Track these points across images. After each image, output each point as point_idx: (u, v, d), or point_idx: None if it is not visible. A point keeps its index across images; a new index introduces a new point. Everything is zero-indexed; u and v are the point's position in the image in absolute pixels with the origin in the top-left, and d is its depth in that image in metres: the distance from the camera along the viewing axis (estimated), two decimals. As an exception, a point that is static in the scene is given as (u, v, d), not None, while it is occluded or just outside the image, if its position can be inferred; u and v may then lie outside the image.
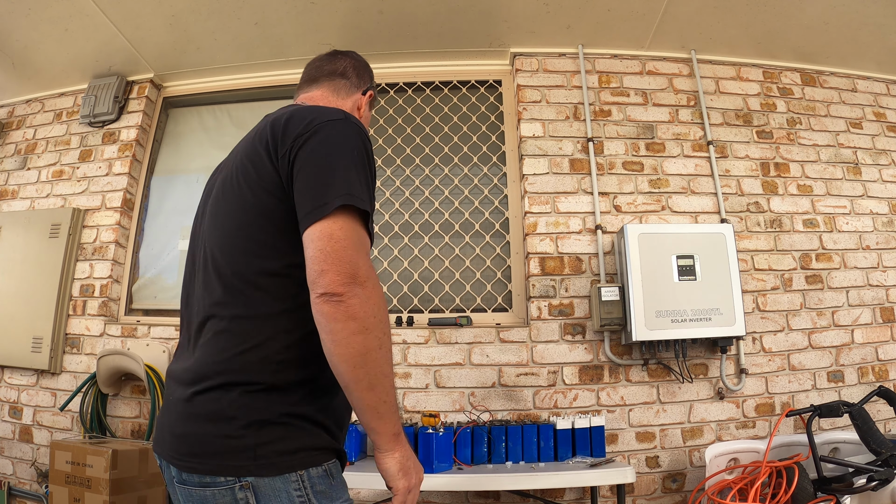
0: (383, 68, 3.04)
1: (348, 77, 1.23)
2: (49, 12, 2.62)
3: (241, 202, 0.95)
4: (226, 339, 0.89)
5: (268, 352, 0.88)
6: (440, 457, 1.94)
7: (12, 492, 2.59)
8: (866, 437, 1.92)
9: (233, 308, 0.91)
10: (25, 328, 2.74)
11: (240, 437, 0.83)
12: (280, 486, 0.83)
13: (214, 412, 0.85)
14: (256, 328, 0.89)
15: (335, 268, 0.82)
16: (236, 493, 0.83)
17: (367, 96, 1.25)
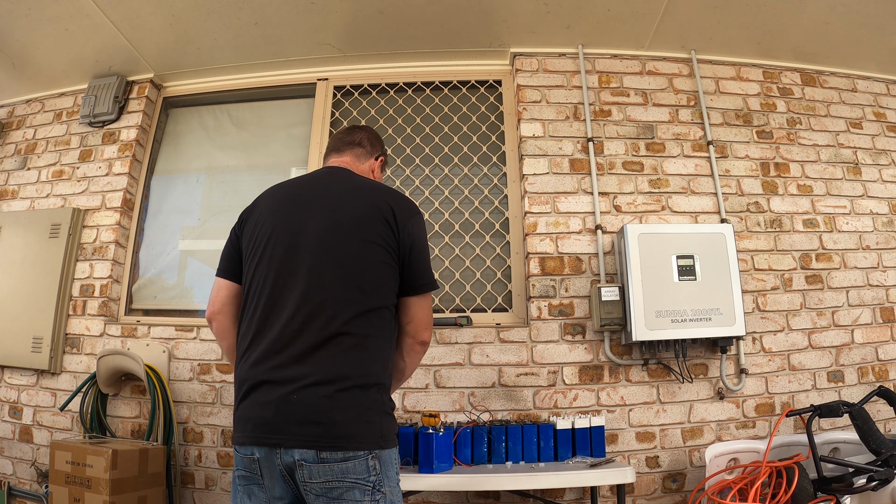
0: (383, 68, 3.04)
1: (364, 146, 1.59)
2: (49, 12, 2.62)
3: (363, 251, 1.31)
4: (360, 351, 1.24)
5: (384, 363, 1.29)
6: (440, 457, 1.94)
7: (12, 492, 2.59)
8: (866, 437, 1.92)
9: (364, 329, 1.26)
10: (25, 328, 2.74)
11: (374, 422, 1.21)
12: (389, 456, 1.23)
13: (359, 404, 1.20)
14: (380, 346, 1.28)
15: (429, 328, 1.39)
16: (368, 462, 1.18)
17: (379, 161, 1.62)
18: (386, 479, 1.20)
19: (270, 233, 1.34)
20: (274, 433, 1.17)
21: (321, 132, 2.96)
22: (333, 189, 1.38)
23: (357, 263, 1.27)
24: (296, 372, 1.19)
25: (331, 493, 1.15)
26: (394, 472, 1.23)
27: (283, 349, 1.22)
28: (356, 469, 1.16)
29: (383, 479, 1.19)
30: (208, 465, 2.45)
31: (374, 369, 1.24)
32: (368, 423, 1.19)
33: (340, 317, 1.23)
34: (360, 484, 1.16)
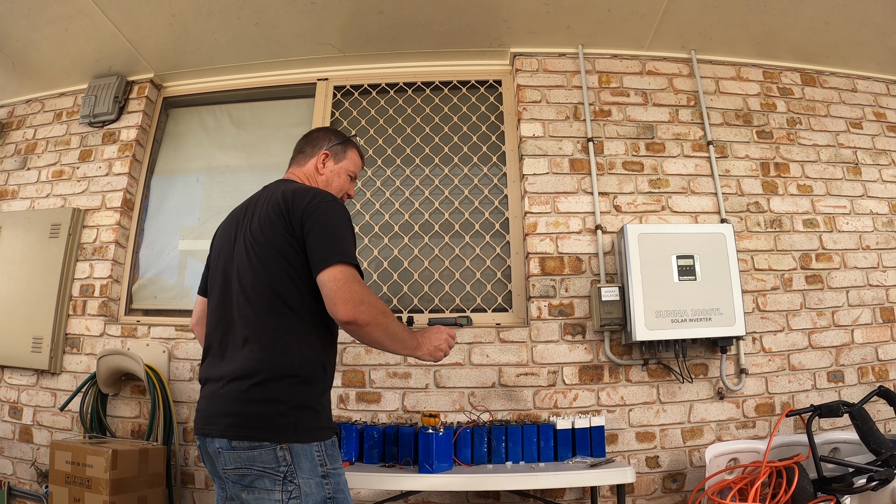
0: (383, 68, 3.04)
1: (304, 151, 1.66)
2: (49, 12, 2.62)
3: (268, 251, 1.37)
4: (275, 347, 1.29)
5: (303, 356, 1.30)
6: (440, 457, 1.94)
7: (12, 492, 2.59)
8: (866, 437, 1.92)
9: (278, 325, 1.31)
10: (25, 328, 2.74)
11: (286, 415, 1.24)
12: (305, 450, 1.24)
13: (270, 398, 1.25)
14: (293, 340, 1.31)
15: (345, 303, 1.25)
16: (277, 453, 1.22)
17: (322, 155, 1.64)
18: (299, 471, 1.22)
19: (217, 252, 1.52)
20: (205, 424, 1.31)
21: (321, 132, 2.96)
22: (256, 202, 1.49)
23: (263, 265, 1.34)
24: (222, 370, 1.32)
25: (243, 479, 1.24)
26: (313, 466, 1.24)
27: (216, 351, 1.39)
28: (263, 458, 1.22)
29: (296, 471, 1.22)
30: (208, 465, 2.45)
31: (288, 363, 1.28)
32: (279, 415, 1.23)
33: (256, 317, 1.32)
34: (269, 473, 1.22)
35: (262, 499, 1.22)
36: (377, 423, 2.36)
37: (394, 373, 2.45)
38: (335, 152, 1.66)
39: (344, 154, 1.67)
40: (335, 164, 1.65)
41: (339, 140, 1.68)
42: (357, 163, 1.70)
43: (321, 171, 1.62)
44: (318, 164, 1.63)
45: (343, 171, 1.66)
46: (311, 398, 1.29)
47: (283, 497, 1.21)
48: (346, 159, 1.67)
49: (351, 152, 1.69)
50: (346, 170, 1.66)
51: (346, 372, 2.47)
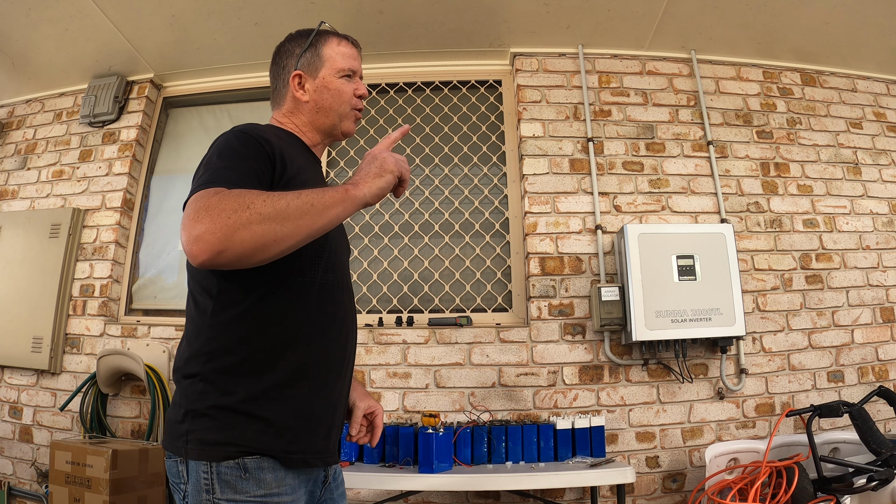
0: (383, 68, 3.04)
1: (276, 87, 1.25)
2: (49, 12, 2.62)
3: None
4: (182, 341, 1.03)
5: (197, 345, 0.98)
6: (440, 457, 1.94)
7: (12, 492, 2.59)
8: (866, 437, 1.92)
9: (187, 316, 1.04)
10: (25, 328, 2.74)
11: (179, 421, 0.96)
12: (194, 468, 0.93)
13: (173, 401, 1.00)
14: (192, 328, 1.01)
15: (184, 241, 0.83)
16: (178, 466, 0.96)
17: (294, 79, 1.21)
18: (193, 493, 0.93)
19: None
20: None
21: (321, 132, 2.96)
22: None
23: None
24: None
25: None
26: (203, 494, 0.92)
27: None
28: (169, 469, 0.99)
29: (190, 491, 0.94)
30: (208, 465, 2.45)
31: (185, 357, 0.99)
32: (174, 421, 0.97)
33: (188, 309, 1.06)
34: (177, 486, 0.98)
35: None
36: (377, 423, 2.36)
37: (394, 373, 2.45)
38: (307, 64, 1.22)
39: (319, 58, 1.23)
40: (314, 78, 1.21)
41: (305, 44, 1.25)
42: (344, 53, 1.26)
43: (304, 99, 1.21)
44: (296, 92, 1.20)
45: (330, 79, 1.21)
46: (213, 399, 0.94)
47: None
48: (324, 63, 1.23)
49: (328, 48, 1.25)
50: (334, 73, 1.22)
51: (346, 372, 2.47)
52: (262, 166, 0.98)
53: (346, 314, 1.11)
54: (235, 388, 0.94)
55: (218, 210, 0.81)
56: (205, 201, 0.83)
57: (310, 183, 1.01)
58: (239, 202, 0.82)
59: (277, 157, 1.01)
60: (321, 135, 1.23)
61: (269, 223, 0.82)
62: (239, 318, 0.97)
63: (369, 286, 2.72)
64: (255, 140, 1.00)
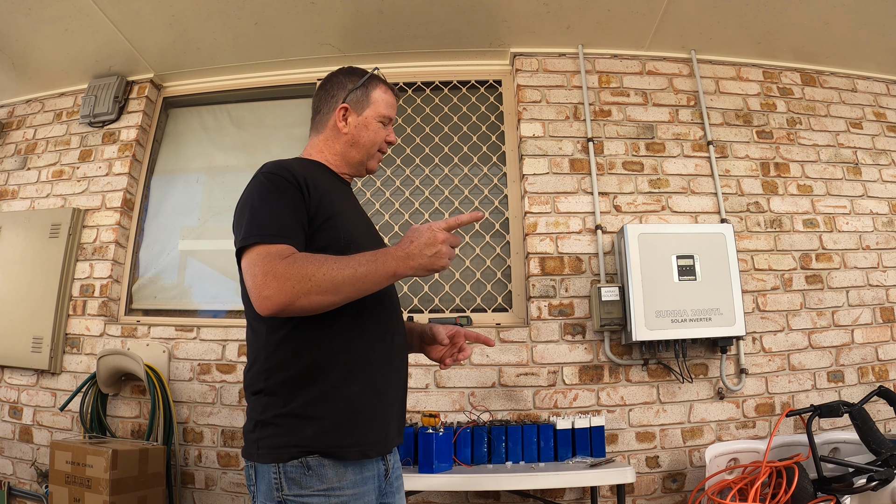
0: (383, 68, 3.03)
1: (320, 110, 1.36)
2: (49, 12, 2.62)
3: None
4: (247, 363, 1.18)
5: (258, 365, 1.12)
6: (440, 457, 1.94)
7: (12, 492, 2.59)
8: (866, 437, 1.92)
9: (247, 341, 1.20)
10: (25, 328, 2.74)
11: (250, 431, 1.11)
12: (265, 471, 1.07)
13: (247, 415, 1.14)
14: (253, 352, 1.16)
15: (254, 299, 1.02)
16: (250, 471, 1.10)
17: (340, 111, 1.32)
18: (259, 494, 1.08)
19: None
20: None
21: (321, 132, 2.96)
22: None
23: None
24: None
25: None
26: (274, 492, 1.05)
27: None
28: (246, 473, 1.14)
29: (257, 493, 1.08)
30: (208, 465, 2.45)
31: (250, 377, 1.14)
32: (247, 432, 1.12)
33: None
34: (249, 488, 1.12)
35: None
36: (377, 423, 2.36)
37: (394, 373, 2.45)
38: (355, 101, 1.33)
39: (367, 98, 1.34)
40: (359, 115, 1.33)
41: (356, 85, 1.34)
42: (388, 101, 1.37)
43: (344, 130, 1.32)
44: (339, 122, 1.32)
45: (371, 121, 1.33)
46: (273, 411, 1.08)
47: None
48: (370, 105, 1.34)
49: (376, 92, 1.35)
50: (375, 116, 1.34)
51: (346, 372, 2.47)
52: (297, 200, 1.12)
53: (388, 314, 1.24)
54: (294, 397, 1.08)
55: (284, 278, 0.99)
56: (271, 266, 1.00)
57: (338, 203, 1.19)
58: (302, 273, 0.99)
59: (303, 185, 1.13)
60: (349, 167, 1.36)
61: (325, 295, 1.01)
62: (289, 336, 1.10)
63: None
64: (284, 178, 1.13)
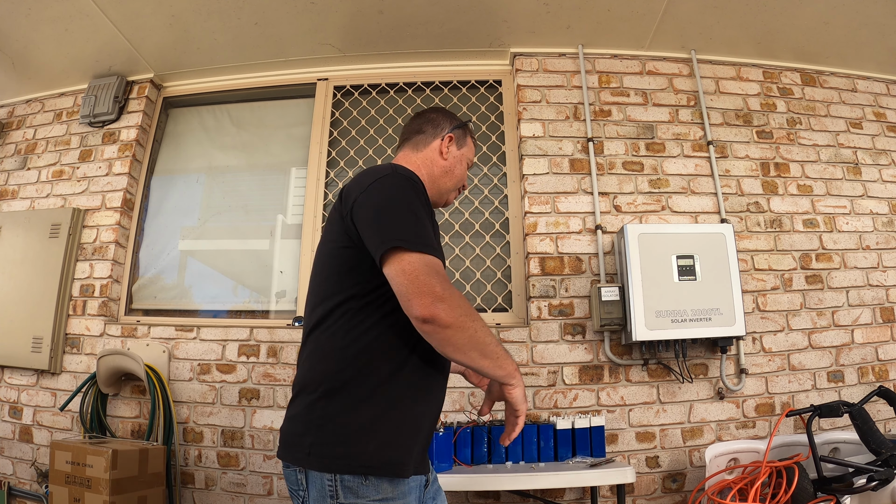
0: (383, 68, 3.04)
1: (424, 131, 1.43)
2: (49, 12, 2.62)
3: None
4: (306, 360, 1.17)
5: (323, 367, 1.11)
6: (440, 457, 1.94)
7: (12, 492, 2.59)
8: (866, 437, 1.92)
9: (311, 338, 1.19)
10: (25, 328, 2.74)
11: (302, 435, 1.09)
12: (317, 477, 1.05)
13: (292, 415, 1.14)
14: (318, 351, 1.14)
15: (420, 297, 1.01)
16: (297, 475, 1.09)
17: (447, 139, 1.42)
18: (310, 500, 1.06)
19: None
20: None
21: (321, 132, 2.96)
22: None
23: (320, 263, 1.21)
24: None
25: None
26: (328, 499, 1.04)
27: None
28: (288, 477, 1.13)
29: (308, 498, 1.07)
30: (208, 465, 2.45)
31: (315, 377, 1.12)
32: (295, 434, 1.10)
33: (309, 323, 1.19)
34: (295, 492, 1.11)
35: None
36: (377, 423, 2.36)
37: (394, 373, 2.45)
38: (458, 136, 1.44)
39: (464, 139, 1.46)
40: (458, 149, 1.44)
41: (459, 123, 1.47)
42: (473, 151, 1.51)
43: (445, 157, 1.40)
44: (443, 148, 1.40)
45: (464, 159, 1.45)
46: (329, 418, 1.08)
47: None
48: (465, 145, 1.46)
49: (469, 139, 1.49)
50: (466, 157, 1.46)
51: (346, 372, 2.47)
52: (430, 214, 1.17)
53: None
54: (359, 408, 1.07)
55: (455, 307, 1.02)
56: (439, 283, 1.02)
57: (433, 227, 1.19)
58: (470, 318, 1.04)
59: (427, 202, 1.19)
60: (435, 193, 1.41)
61: (471, 347, 1.05)
62: (365, 349, 1.10)
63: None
64: (424, 192, 1.18)
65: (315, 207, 2.83)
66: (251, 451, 2.43)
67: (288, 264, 2.83)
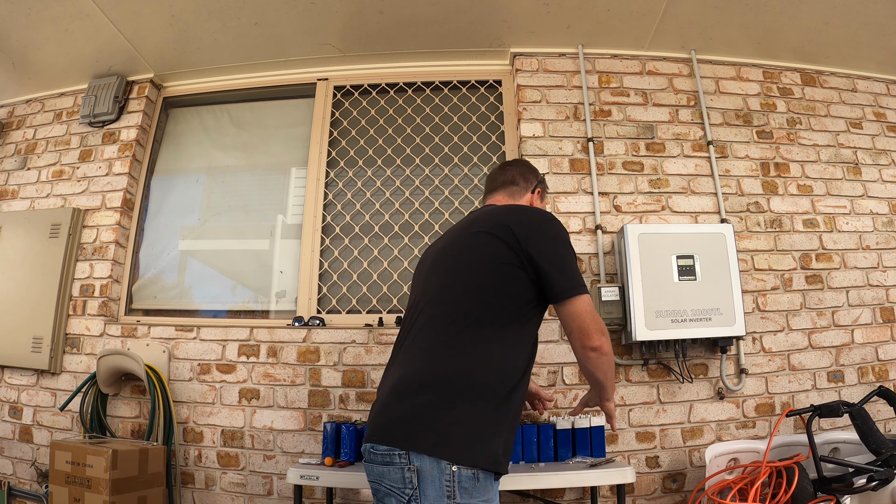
0: (383, 68, 3.04)
1: (517, 183, 1.63)
2: (49, 12, 2.62)
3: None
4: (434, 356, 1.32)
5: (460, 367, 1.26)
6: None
7: (12, 492, 2.59)
8: (866, 437, 1.92)
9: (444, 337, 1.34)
10: (25, 328, 2.74)
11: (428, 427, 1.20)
12: (435, 476, 1.14)
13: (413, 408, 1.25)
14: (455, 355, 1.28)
15: (593, 331, 1.31)
16: (405, 473, 1.16)
17: (536, 193, 1.66)
18: (423, 499, 1.13)
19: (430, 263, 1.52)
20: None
21: (321, 132, 2.96)
22: (471, 217, 1.52)
23: (467, 269, 1.36)
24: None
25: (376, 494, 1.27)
26: (445, 499, 1.13)
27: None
28: (391, 475, 1.20)
29: (422, 497, 1.14)
30: (208, 465, 2.45)
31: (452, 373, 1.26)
32: (421, 427, 1.21)
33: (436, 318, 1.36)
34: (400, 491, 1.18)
35: None
36: (377, 423, 2.36)
37: (394, 373, 2.45)
38: (542, 190, 1.68)
39: (545, 193, 1.71)
40: (541, 201, 1.67)
41: (542, 178, 1.70)
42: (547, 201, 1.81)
43: (536, 205, 1.64)
44: (535, 200, 1.65)
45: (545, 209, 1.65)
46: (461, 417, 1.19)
47: None
48: (545, 198, 1.71)
49: (546, 194, 1.72)
50: (546, 208, 1.70)
51: (347, 372, 2.47)
52: None
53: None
54: (488, 412, 1.21)
55: (609, 341, 1.35)
56: (601, 321, 1.34)
57: None
58: (611, 355, 1.39)
59: None
60: None
61: (609, 369, 1.40)
62: (503, 359, 1.28)
63: (369, 286, 2.72)
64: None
65: (315, 207, 2.83)
66: (251, 451, 2.43)
67: (288, 264, 2.83)
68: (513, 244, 1.32)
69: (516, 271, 1.31)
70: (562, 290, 1.31)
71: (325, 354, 2.50)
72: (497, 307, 1.29)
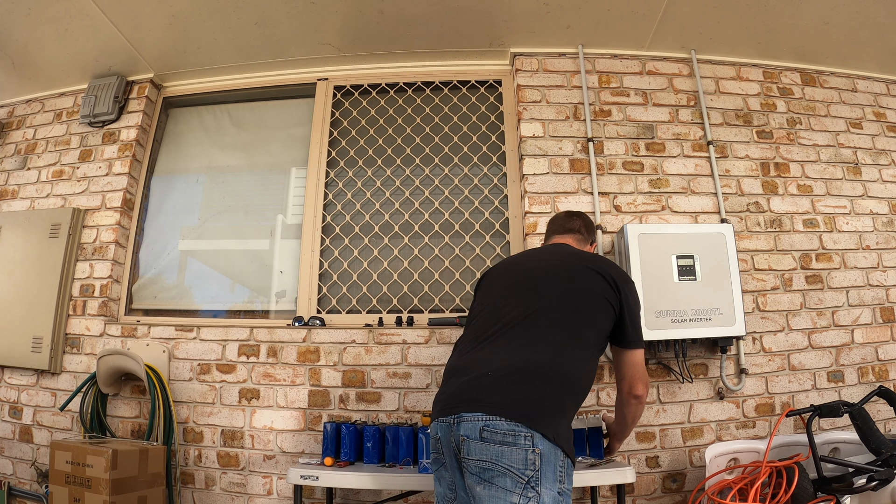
0: (383, 68, 3.04)
1: (582, 233, 1.93)
2: (49, 12, 2.62)
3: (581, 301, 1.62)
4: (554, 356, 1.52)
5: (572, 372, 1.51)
6: (440, 457, 1.93)
7: (12, 492, 2.59)
8: (866, 437, 1.92)
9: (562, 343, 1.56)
10: (25, 328, 2.74)
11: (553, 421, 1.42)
12: (553, 462, 1.34)
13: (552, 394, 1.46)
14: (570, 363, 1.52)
15: (641, 382, 1.64)
16: (529, 455, 1.32)
17: (593, 246, 1.97)
18: (544, 480, 1.30)
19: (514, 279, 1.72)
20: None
21: (321, 132, 2.96)
22: (565, 251, 1.79)
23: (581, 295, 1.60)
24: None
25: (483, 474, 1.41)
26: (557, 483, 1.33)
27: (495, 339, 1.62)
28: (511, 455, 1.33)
29: (541, 479, 1.31)
30: (208, 465, 2.45)
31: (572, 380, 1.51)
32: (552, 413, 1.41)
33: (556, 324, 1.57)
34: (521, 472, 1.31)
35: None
36: (377, 422, 2.36)
37: (394, 373, 2.45)
38: (597, 244, 2.05)
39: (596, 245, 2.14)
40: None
41: (596, 234, 2.10)
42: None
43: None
44: (592, 250, 1.94)
45: None
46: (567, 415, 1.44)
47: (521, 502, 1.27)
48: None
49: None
50: None
51: (346, 372, 2.47)
52: None
53: None
54: (574, 414, 1.49)
55: (646, 397, 1.67)
56: (646, 391, 1.66)
57: None
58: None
59: None
60: None
61: (640, 416, 1.75)
62: (590, 373, 1.54)
63: (369, 286, 2.72)
64: None
65: (315, 207, 2.83)
66: (251, 451, 2.43)
67: (288, 264, 2.83)
68: (615, 290, 1.61)
69: (612, 311, 1.59)
70: (632, 340, 1.62)
71: (325, 354, 2.50)
72: (595, 332, 1.57)
